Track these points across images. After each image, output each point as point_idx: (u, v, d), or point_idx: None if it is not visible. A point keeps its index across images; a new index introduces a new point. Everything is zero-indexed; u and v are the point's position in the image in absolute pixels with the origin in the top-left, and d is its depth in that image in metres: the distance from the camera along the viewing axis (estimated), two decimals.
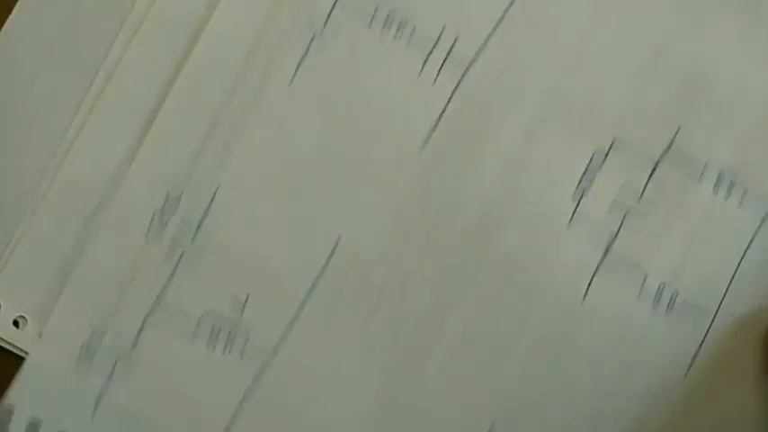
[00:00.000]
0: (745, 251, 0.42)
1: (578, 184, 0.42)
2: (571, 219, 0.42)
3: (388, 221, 0.42)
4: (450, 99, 0.42)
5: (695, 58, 0.42)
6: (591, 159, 0.42)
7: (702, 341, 0.41)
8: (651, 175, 0.42)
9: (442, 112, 0.42)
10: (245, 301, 0.42)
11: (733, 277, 0.42)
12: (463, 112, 0.42)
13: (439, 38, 0.42)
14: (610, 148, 0.42)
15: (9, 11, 0.43)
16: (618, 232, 0.42)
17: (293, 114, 0.42)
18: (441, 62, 0.42)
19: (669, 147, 0.42)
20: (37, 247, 0.42)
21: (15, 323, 0.41)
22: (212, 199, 0.42)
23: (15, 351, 0.42)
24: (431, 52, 0.42)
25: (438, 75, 0.42)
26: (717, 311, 0.42)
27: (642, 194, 0.42)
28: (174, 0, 0.44)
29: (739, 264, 0.42)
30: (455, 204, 0.42)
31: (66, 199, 0.42)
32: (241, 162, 0.42)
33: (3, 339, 0.42)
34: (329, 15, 0.42)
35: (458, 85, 0.42)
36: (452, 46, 0.42)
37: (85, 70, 0.43)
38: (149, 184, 0.42)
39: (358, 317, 0.42)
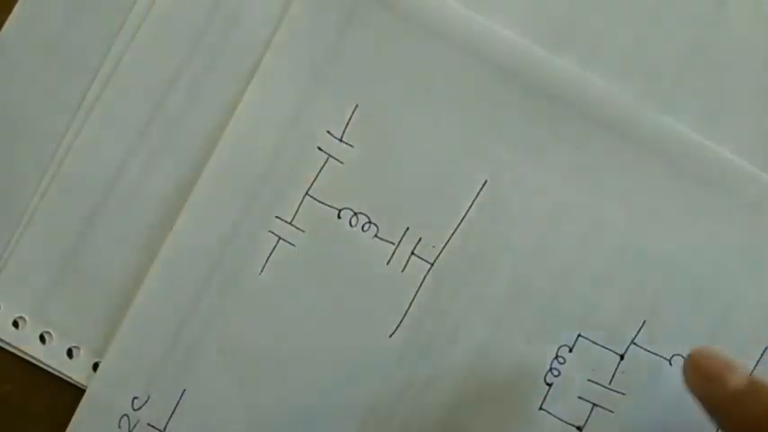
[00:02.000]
0: None
1: (546, 373, 0.42)
2: (541, 405, 0.42)
3: (360, 410, 0.42)
4: (420, 285, 0.42)
5: (656, 251, 0.42)
6: (557, 352, 0.42)
7: None
8: (617, 367, 0.42)
9: (413, 298, 0.42)
10: None
11: None
12: (433, 301, 0.42)
13: (403, 237, 0.42)
14: (575, 342, 0.42)
15: (9, 11, 0.43)
16: (587, 421, 0.42)
17: (262, 305, 0.42)
18: (409, 253, 0.42)
19: (634, 341, 0.42)
20: (36, 247, 0.41)
21: (15, 324, 0.41)
22: (178, 402, 0.42)
23: (15, 352, 0.42)
24: (398, 245, 0.42)
25: (407, 263, 0.42)
26: None
27: (610, 384, 0.42)
28: (174, 1, 0.42)
29: None
30: (426, 390, 0.42)
31: (65, 199, 0.42)
32: (208, 364, 0.42)
33: (2, 340, 0.42)
34: (299, 206, 0.42)
35: (427, 272, 0.42)
36: (417, 244, 0.42)
37: (86, 70, 0.43)
38: (116, 389, 0.42)
39: None
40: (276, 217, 0.42)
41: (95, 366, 0.43)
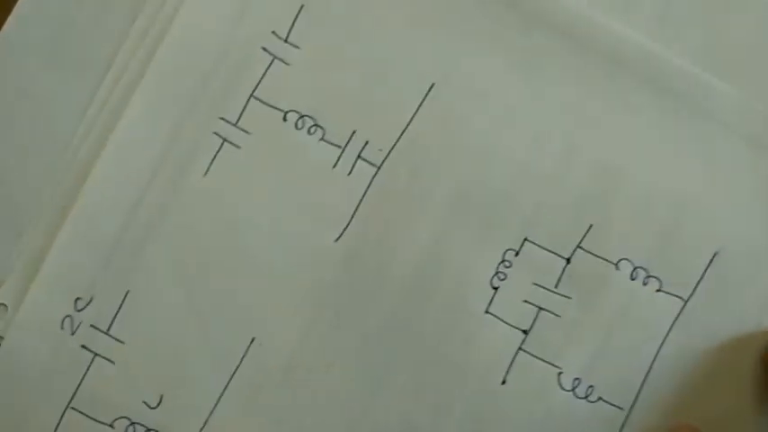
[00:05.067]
0: (660, 348, 0.42)
1: (492, 277, 0.42)
2: (487, 308, 0.42)
3: (305, 316, 0.42)
4: (366, 190, 0.42)
5: (606, 158, 0.42)
6: (503, 256, 0.42)
7: None
8: (563, 271, 0.42)
9: (359, 202, 0.42)
10: (159, 404, 0.42)
11: (647, 375, 0.42)
12: (379, 204, 0.42)
13: (349, 140, 0.42)
14: (521, 246, 0.42)
15: (9, 11, 0.42)
16: (532, 325, 0.42)
17: (207, 206, 0.42)
18: (355, 157, 0.42)
19: (580, 245, 0.42)
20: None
21: None
22: (122, 303, 0.42)
23: None
24: (344, 149, 0.42)
25: (353, 167, 0.42)
26: (630, 411, 0.42)
27: (556, 288, 0.42)
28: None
29: (653, 360, 0.42)
30: (372, 295, 0.42)
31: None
32: (152, 264, 0.42)
33: None
34: (244, 108, 0.42)
35: (374, 176, 0.42)
36: (363, 147, 0.42)
37: (88, 71, 0.43)
38: (59, 289, 0.42)
39: (277, 411, 0.42)
40: (221, 118, 0.42)
41: None
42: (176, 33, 0.42)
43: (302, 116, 0.42)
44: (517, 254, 0.42)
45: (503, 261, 0.42)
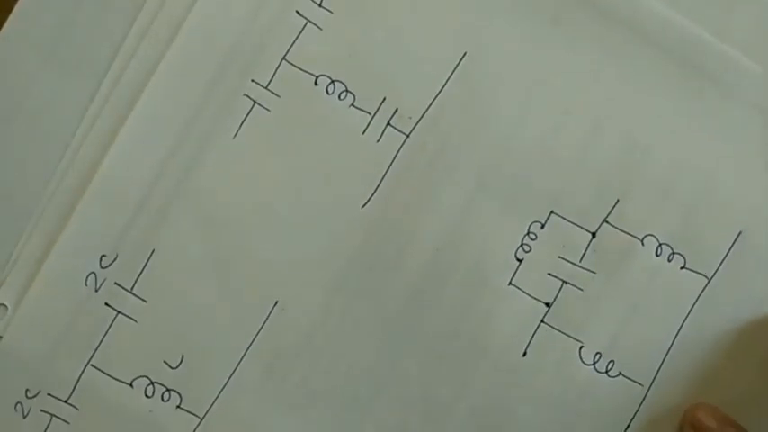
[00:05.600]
0: (681, 325, 0.42)
1: (517, 249, 0.42)
2: (511, 280, 0.42)
3: (329, 281, 0.42)
4: (394, 157, 0.42)
5: (634, 133, 0.42)
6: (528, 228, 0.42)
7: (635, 415, 0.42)
8: (588, 245, 0.42)
9: (387, 169, 0.42)
10: (180, 364, 0.42)
11: (668, 353, 0.42)
12: (406, 172, 0.42)
13: (379, 107, 0.42)
14: (547, 219, 0.42)
15: (9, 11, 0.42)
16: (556, 298, 0.42)
17: (235, 168, 0.42)
18: (385, 124, 0.42)
19: (606, 219, 0.42)
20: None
21: None
22: (147, 262, 0.42)
23: None
24: (374, 115, 0.42)
25: (382, 134, 0.42)
26: (649, 387, 0.42)
27: (580, 262, 0.42)
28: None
29: (675, 338, 0.42)
30: (396, 262, 0.42)
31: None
32: (178, 224, 0.42)
33: None
34: (276, 71, 0.42)
35: (403, 143, 0.42)
36: (393, 114, 0.42)
37: (88, 71, 0.43)
38: (84, 245, 0.42)
39: (296, 376, 0.43)
40: (252, 81, 0.42)
41: None
42: None
43: (333, 81, 0.42)
44: (543, 226, 0.42)
45: (528, 233, 0.42)
